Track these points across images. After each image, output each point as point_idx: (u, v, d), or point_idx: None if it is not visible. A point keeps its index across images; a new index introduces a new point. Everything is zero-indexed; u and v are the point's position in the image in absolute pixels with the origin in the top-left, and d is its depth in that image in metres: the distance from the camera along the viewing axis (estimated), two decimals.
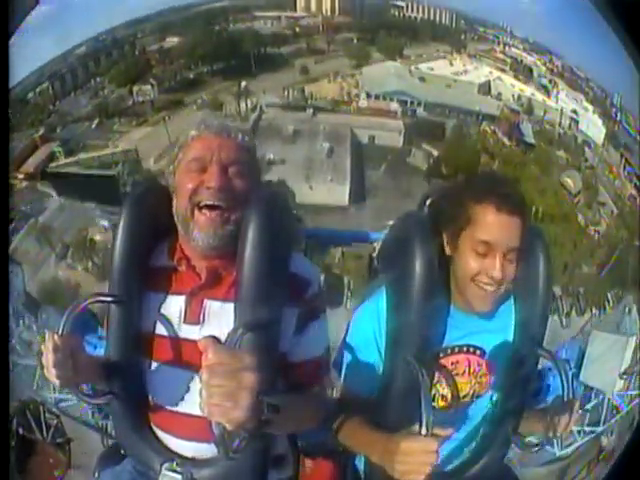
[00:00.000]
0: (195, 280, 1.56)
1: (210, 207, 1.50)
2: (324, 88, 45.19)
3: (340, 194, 33.29)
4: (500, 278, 1.53)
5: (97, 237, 29.93)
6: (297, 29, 55.24)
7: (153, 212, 1.61)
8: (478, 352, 1.70)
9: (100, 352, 1.71)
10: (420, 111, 42.04)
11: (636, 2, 1.37)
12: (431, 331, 1.62)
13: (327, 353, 1.68)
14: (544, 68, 55.32)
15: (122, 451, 1.72)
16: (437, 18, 60.13)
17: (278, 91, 43.83)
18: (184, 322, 1.56)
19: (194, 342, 1.29)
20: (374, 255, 2.01)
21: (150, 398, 1.62)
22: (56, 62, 52.28)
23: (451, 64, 52.73)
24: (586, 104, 48.25)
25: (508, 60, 56.19)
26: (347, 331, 1.78)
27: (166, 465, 1.57)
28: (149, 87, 45.26)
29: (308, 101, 42.49)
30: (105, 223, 30.49)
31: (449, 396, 1.70)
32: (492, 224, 1.51)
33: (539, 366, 1.78)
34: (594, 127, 45.08)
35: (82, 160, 35.41)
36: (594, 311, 26.55)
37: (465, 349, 1.69)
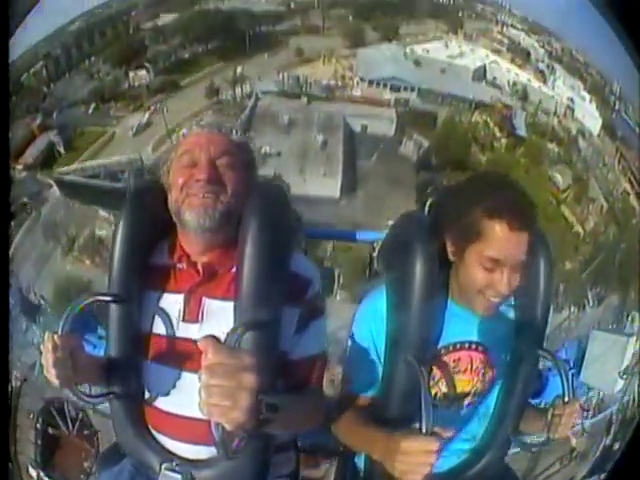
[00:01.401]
0: (194, 277, 1.54)
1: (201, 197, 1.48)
2: (319, 70, 44.59)
3: (332, 187, 33.28)
4: (507, 292, 1.50)
5: (103, 232, 29.80)
6: (292, 5, 53.26)
7: (153, 211, 1.57)
8: (480, 348, 1.67)
9: (100, 352, 1.69)
10: (413, 97, 41.74)
11: (636, 2, 1.34)
12: (431, 331, 1.59)
13: (325, 351, 1.65)
14: (542, 51, 52.96)
15: (121, 451, 1.69)
16: None
17: (273, 75, 43.21)
18: (182, 320, 1.53)
19: (193, 341, 1.27)
20: (374, 255, 1.98)
21: (149, 400, 1.59)
22: (49, 41, 49.95)
23: (447, 46, 50.68)
24: (583, 93, 46.45)
25: (505, 41, 53.92)
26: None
27: (165, 465, 1.55)
28: (144, 72, 44.23)
29: (303, 88, 41.99)
30: (111, 217, 30.39)
31: (449, 393, 1.67)
32: (503, 241, 1.45)
33: (539, 366, 1.76)
34: (590, 117, 43.55)
35: (87, 168, 34.88)
36: (572, 309, 26.62)
37: (467, 345, 1.66)
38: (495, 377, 1.70)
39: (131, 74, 44.31)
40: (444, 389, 1.67)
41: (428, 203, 1.75)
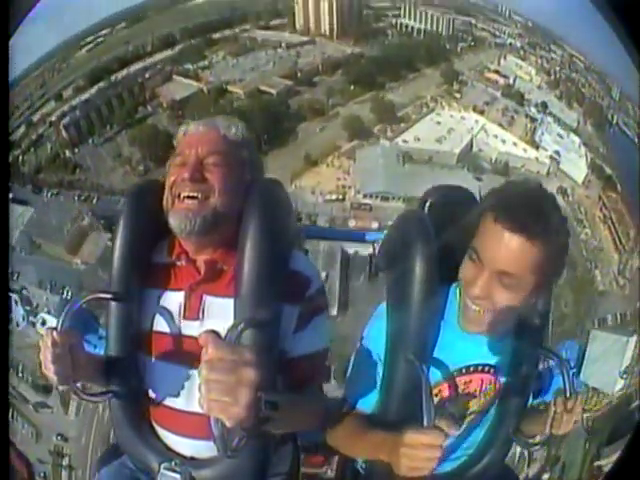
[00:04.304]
0: (194, 275, 1.48)
1: (187, 197, 1.44)
2: (323, 177, 48.48)
3: (331, 309, 35.28)
4: (480, 297, 1.32)
5: None
6: (298, 74, 55.44)
7: (153, 210, 1.51)
8: (492, 370, 1.55)
9: (100, 352, 1.63)
10: (399, 205, 45.29)
11: (636, 2, 1.30)
12: (431, 330, 1.50)
13: (325, 349, 1.58)
14: (539, 79, 53.04)
15: (120, 451, 1.63)
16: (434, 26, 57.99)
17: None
18: (183, 318, 1.48)
19: (194, 338, 1.22)
20: (374, 255, 1.92)
21: (149, 395, 1.53)
22: (55, 68, 51.26)
23: (438, 123, 51.78)
24: (573, 138, 46.72)
25: (501, 82, 54.03)
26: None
27: (165, 465, 1.48)
28: None
29: (311, 217, 44.92)
30: None
31: (454, 413, 1.57)
32: (488, 236, 1.29)
33: (539, 366, 1.68)
34: (576, 167, 43.67)
35: None
36: None
37: (480, 368, 1.54)
38: (500, 391, 1.59)
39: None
40: (451, 409, 1.56)
41: (428, 203, 1.70)
